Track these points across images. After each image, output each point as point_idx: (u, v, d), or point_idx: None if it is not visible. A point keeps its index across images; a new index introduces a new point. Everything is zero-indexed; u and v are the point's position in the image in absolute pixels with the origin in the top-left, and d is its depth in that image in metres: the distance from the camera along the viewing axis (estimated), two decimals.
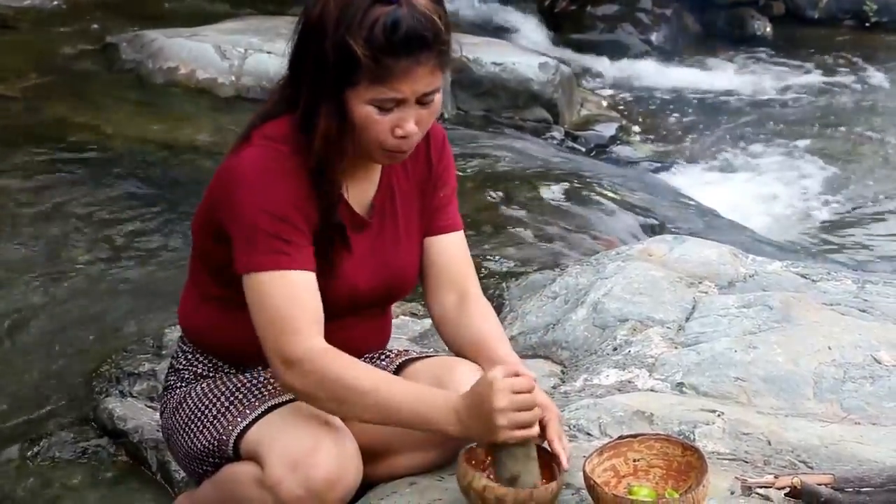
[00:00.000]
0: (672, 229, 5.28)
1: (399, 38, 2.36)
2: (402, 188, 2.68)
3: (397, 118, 2.44)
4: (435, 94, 2.47)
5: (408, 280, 2.74)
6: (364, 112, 2.43)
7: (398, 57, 2.38)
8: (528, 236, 5.08)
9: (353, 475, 2.50)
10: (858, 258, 5.91)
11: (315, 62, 2.43)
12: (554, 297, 3.78)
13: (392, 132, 2.45)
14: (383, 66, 2.37)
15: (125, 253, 4.63)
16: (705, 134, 8.11)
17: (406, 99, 2.43)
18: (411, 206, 2.70)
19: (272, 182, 2.47)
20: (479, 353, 2.66)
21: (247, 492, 2.51)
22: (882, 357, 3.21)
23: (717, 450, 2.73)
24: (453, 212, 2.76)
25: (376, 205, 2.64)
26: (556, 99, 7.53)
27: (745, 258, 3.98)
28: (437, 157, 2.72)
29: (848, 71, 9.46)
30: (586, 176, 6.04)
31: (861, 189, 7.20)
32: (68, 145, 5.67)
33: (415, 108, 2.45)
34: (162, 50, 7.04)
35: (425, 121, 2.49)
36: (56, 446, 3.43)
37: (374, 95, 2.41)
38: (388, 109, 2.43)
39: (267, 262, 2.46)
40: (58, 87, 6.64)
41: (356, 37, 2.36)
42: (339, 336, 2.56)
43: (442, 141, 2.75)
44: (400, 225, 2.67)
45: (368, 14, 2.37)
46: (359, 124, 2.44)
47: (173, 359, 2.80)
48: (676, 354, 3.30)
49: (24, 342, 3.98)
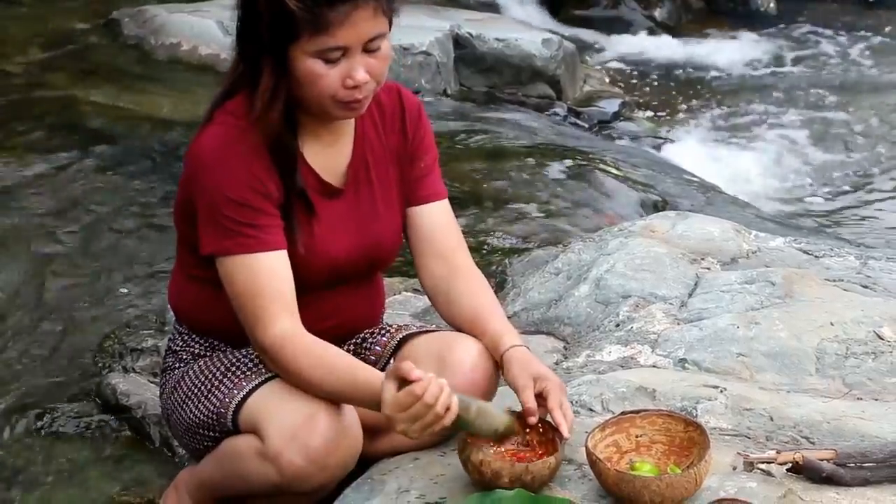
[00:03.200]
0: (675, 205, 5.28)
1: None
2: (376, 157, 2.67)
3: (346, 69, 2.42)
4: (381, 39, 2.44)
5: (388, 248, 2.74)
6: (309, 66, 2.41)
7: (334, 4, 2.35)
8: (531, 212, 5.07)
9: (353, 440, 2.50)
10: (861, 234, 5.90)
11: (253, 24, 2.42)
12: (556, 273, 3.78)
13: (343, 83, 2.43)
14: (321, 16, 2.35)
15: (127, 228, 4.63)
16: (708, 110, 8.10)
17: (350, 47, 2.40)
18: (388, 175, 2.69)
19: (230, 163, 2.47)
20: (473, 328, 2.67)
21: (249, 464, 2.52)
22: (885, 333, 3.21)
23: (720, 425, 2.73)
24: (435, 181, 2.75)
25: (350, 173, 2.64)
26: (559, 75, 7.51)
27: (747, 234, 3.98)
28: (412, 127, 2.70)
29: (852, 47, 9.44)
30: (589, 152, 6.04)
31: (865, 165, 7.19)
32: (70, 121, 5.66)
33: (363, 56, 2.43)
34: (164, 26, 7.02)
35: (377, 69, 2.46)
36: (60, 421, 3.44)
37: (317, 47, 2.39)
38: (334, 61, 2.41)
39: (231, 246, 2.48)
40: (60, 62, 6.62)
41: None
42: (328, 306, 2.60)
43: (417, 111, 2.73)
44: (377, 194, 2.67)
45: None
46: (306, 80, 2.43)
47: (170, 340, 2.82)
48: (679, 330, 3.31)
49: (26, 318, 3.98)
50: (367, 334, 2.76)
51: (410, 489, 2.48)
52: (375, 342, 2.74)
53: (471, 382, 2.59)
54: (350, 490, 2.53)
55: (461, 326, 2.70)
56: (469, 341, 2.66)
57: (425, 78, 6.91)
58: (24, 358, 3.77)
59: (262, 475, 2.50)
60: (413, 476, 2.53)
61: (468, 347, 2.64)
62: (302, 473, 2.45)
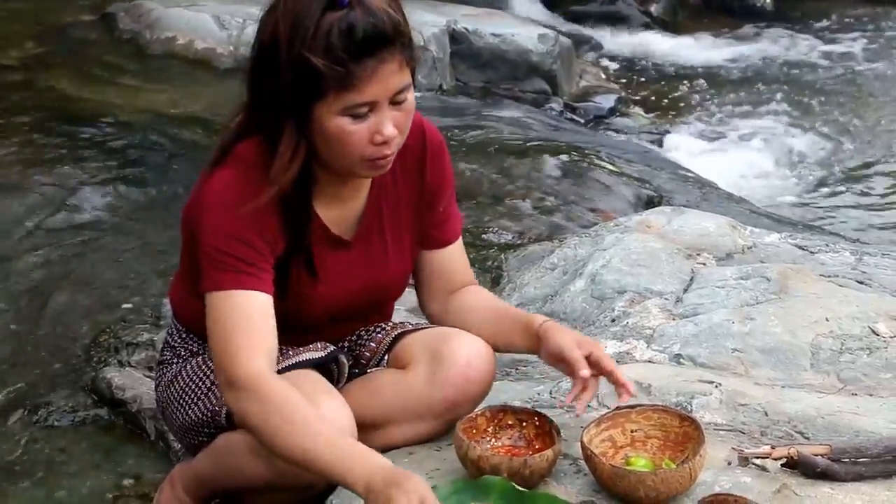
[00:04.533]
0: (670, 201, 5.28)
1: (358, 41, 2.28)
2: (391, 203, 2.62)
3: (374, 124, 2.35)
4: (406, 91, 2.37)
5: (395, 290, 2.73)
6: (337, 124, 2.34)
7: (361, 59, 2.28)
8: (527, 208, 5.07)
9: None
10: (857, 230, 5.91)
11: (274, 84, 2.34)
12: (552, 268, 3.79)
13: (371, 139, 2.36)
14: (348, 73, 2.28)
15: (123, 222, 4.62)
16: (704, 106, 8.11)
17: (378, 102, 2.34)
18: (401, 220, 2.64)
19: (238, 205, 2.40)
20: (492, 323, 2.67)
21: (241, 460, 2.52)
22: (879, 328, 3.22)
23: (715, 421, 2.74)
24: (453, 224, 2.72)
25: (362, 224, 2.59)
26: (556, 70, 7.52)
27: (743, 230, 3.98)
28: (431, 170, 2.64)
29: (847, 42, 9.45)
30: (585, 148, 6.04)
31: (861, 161, 7.20)
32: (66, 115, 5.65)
33: (389, 110, 2.36)
34: (160, 20, 7.02)
35: (403, 122, 2.40)
36: (55, 415, 3.44)
37: (345, 104, 2.32)
38: (361, 116, 2.34)
39: (223, 280, 2.41)
40: (56, 56, 6.62)
41: (313, 49, 2.28)
42: (330, 334, 2.61)
43: (439, 151, 2.66)
44: (388, 241, 2.63)
45: (321, 23, 2.28)
46: (334, 138, 2.36)
47: (168, 334, 2.81)
48: (674, 326, 3.31)
49: (22, 312, 3.98)
50: (362, 331, 2.76)
51: None
52: (371, 339, 2.73)
53: (465, 377, 2.57)
54: None
55: (482, 332, 2.65)
56: (465, 336, 2.65)
57: (421, 73, 6.91)
58: (18, 352, 3.76)
59: (254, 471, 2.50)
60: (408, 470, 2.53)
61: (463, 342, 2.63)
62: (292, 470, 2.44)
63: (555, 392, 2.90)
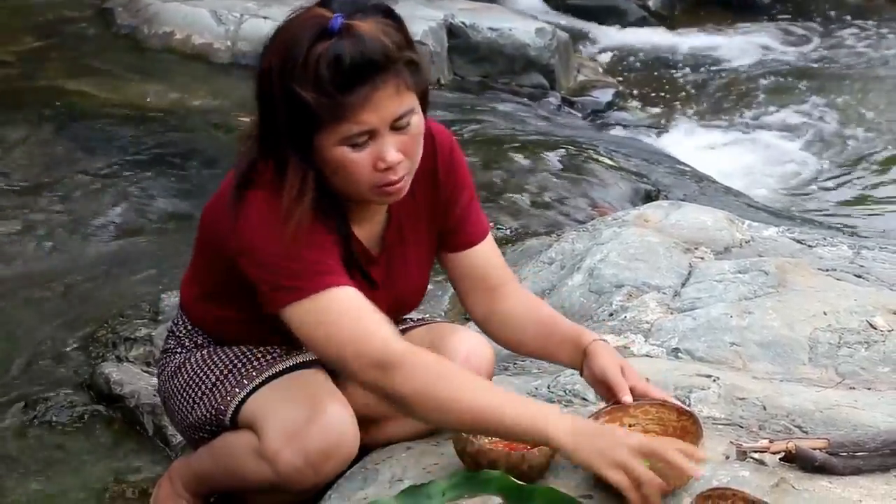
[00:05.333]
0: (668, 195, 5.28)
1: (346, 71, 2.21)
2: (409, 215, 2.57)
3: (375, 151, 2.29)
4: (410, 115, 2.30)
5: (413, 304, 2.71)
6: (338, 154, 2.28)
7: (352, 89, 2.22)
8: (525, 202, 5.07)
9: (350, 444, 2.49)
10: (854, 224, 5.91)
11: (273, 117, 2.30)
12: (550, 262, 3.79)
13: (375, 167, 2.30)
14: (340, 104, 2.23)
15: (120, 218, 4.63)
16: (702, 100, 8.10)
17: (377, 129, 2.27)
18: (419, 231, 2.59)
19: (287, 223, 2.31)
20: (539, 336, 2.59)
21: (244, 462, 2.52)
22: (877, 322, 3.22)
23: (713, 415, 2.74)
24: (475, 221, 2.63)
25: (386, 240, 2.56)
26: (553, 64, 7.51)
27: (740, 224, 3.98)
28: (444, 173, 2.57)
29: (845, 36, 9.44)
30: (583, 142, 6.04)
31: (858, 155, 7.19)
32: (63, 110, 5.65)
33: (392, 136, 2.29)
34: (158, 14, 7.02)
35: (410, 146, 2.32)
36: (53, 410, 3.44)
37: (342, 135, 2.26)
38: (361, 145, 2.28)
39: (303, 288, 2.31)
40: (53, 51, 6.62)
41: (302, 83, 2.22)
42: None
43: (449, 152, 2.58)
44: (409, 254, 2.59)
45: (310, 55, 2.21)
46: (337, 169, 2.31)
47: (173, 324, 2.79)
48: (672, 320, 3.31)
49: (20, 307, 3.98)
50: None
51: (404, 478, 2.48)
52: None
53: None
54: (343, 479, 2.53)
55: (529, 341, 2.61)
56: (464, 331, 2.65)
57: None
58: (16, 347, 3.76)
59: (257, 473, 2.50)
60: (406, 465, 2.53)
61: (462, 337, 2.63)
62: (298, 474, 2.45)
63: (552, 386, 2.90)
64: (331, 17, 2.24)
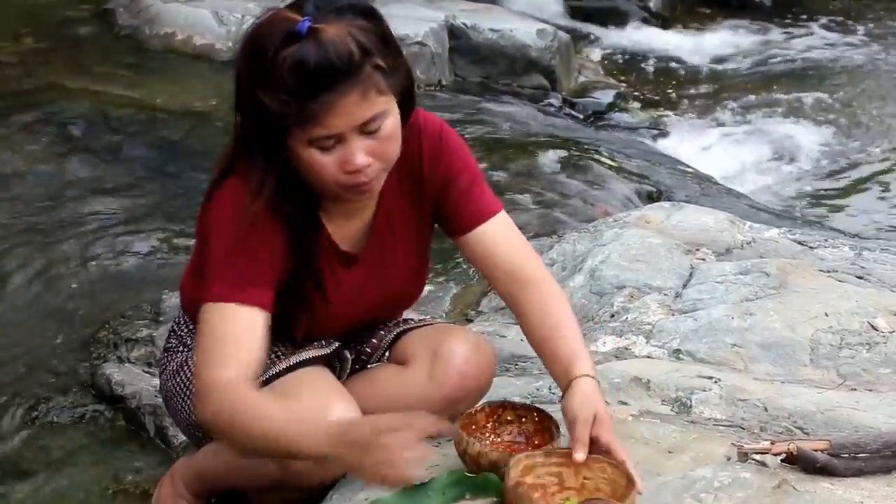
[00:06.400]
0: (669, 196, 5.28)
1: (309, 76, 2.20)
2: (399, 213, 2.56)
3: (343, 154, 2.28)
4: (380, 119, 2.28)
5: (409, 299, 2.70)
6: (306, 155, 2.29)
7: (315, 95, 2.21)
8: (526, 203, 5.07)
9: None
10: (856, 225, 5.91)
11: (245, 119, 2.33)
12: (551, 263, 3.78)
13: (342, 169, 2.31)
14: (304, 109, 2.22)
15: (122, 218, 4.62)
16: (703, 101, 8.10)
17: (342, 133, 2.26)
18: (408, 222, 2.58)
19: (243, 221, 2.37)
20: (543, 349, 2.51)
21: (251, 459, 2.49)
22: (878, 323, 3.22)
23: (714, 416, 2.74)
24: (478, 199, 2.56)
25: (372, 236, 2.56)
26: (554, 65, 7.51)
27: (742, 225, 3.98)
28: (429, 168, 2.54)
29: (846, 35, 9.44)
30: (584, 143, 6.04)
31: (860, 156, 7.19)
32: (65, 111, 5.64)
33: (360, 139, 2.28)
34: (159, 15, 7.01)
35: (379, 150, 2.31)
36: (54, 411, 3.44)
37: (309, 137, 2.26)
38: (329, 148, 2.28)
39: (219, 293, 2.37)
40: (54, 51, 6.61)
41: (269, 87, 2.22)
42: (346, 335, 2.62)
43: (437, 146, 2.53)
44: (399, 250, 2.59)
45: (276, 59, 2.21)
46: (308, 168, 2.32)
47: (175, 323, 2.79)
48: (673, 321, 3.31)
49: (21, 308, 3.98)
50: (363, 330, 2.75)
51: None
52: (372, 336, 2.72)
53: (462, 374, 2.57)
54: (345, 481, 2.53)
55: (533, 345, 2.56)
56: (462, 333, 2.64)
57: (420, 69, 6.90)
58: (18, 348, 3.76)
59: (262, 469, 2.48)
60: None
61: (460, 340, 2.61)
62: (307, 471, 2.44)
63: (554, 388, 2.90)
64: (300, 19, 2.23)
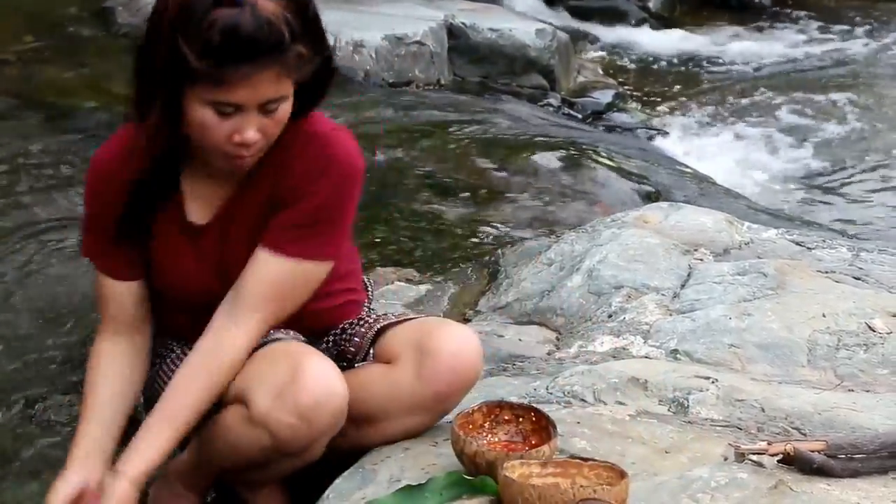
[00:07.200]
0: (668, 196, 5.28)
1: (237, 44, 2.24)
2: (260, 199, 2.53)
3: (236, 124, 2.33)
4: (281, 102, 2.35)
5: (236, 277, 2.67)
6: (202, 114, 2.33)
7: (237, 63, 2.25)
8: (524, 203, 5.07)
9: (339, 392, 2.45)
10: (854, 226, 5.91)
11: (152, 59, 2.34)
12: (549, 263, 3.78)
13: (230, 138, 2.35)
14: (220, 72, 2.26)
15: None
16: (702, 101, 8.10)
17: (245, 105, 2.31)
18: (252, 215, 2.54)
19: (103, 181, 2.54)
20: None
21: (238, 433, 2.49)
22: (876, 324, 3.22)
23: (711, 416, 2.74)
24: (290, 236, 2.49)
25: (225, 209, 2.56)
26: (553, 65, 7.52)
27: (740, 225, 3.98)
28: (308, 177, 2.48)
29: (846, 37, 9.45)
30: (582, 143, 6.04)
31: (859, 157, 7.20)
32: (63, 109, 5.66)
33: (256, 116, 2.34)
34: None
35: (270, 129, 2.37)
36: (51, 410, 3.44)
37: (213, 98, 2.30)
38: (226, 114, 2.32)
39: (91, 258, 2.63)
40: (53, 50, 6.62)
41: (191, 40, 2.25)
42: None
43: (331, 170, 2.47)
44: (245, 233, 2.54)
45: (208, 16, 2.25)
46: (195, 126, 2.35)
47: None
48: (671, 321, 3.31)
49: (19, 307, 3.98)
50: (346, 325, 2.73)
51: (402, 478, 2.48)
52: (354, 333, 2.70)
53: (453, 370, 2.53)
54: (341, 479, 2.53)
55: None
56: (446, 327, 2.60)
57: (419, 68, 6.91)
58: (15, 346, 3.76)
59: (252, 441, 2.47)
60: (404, 465, 2.53)
61: (449, 333, 2.57)
62: (292, 431, 2.42)
63: (551, 388, 2.90)
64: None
